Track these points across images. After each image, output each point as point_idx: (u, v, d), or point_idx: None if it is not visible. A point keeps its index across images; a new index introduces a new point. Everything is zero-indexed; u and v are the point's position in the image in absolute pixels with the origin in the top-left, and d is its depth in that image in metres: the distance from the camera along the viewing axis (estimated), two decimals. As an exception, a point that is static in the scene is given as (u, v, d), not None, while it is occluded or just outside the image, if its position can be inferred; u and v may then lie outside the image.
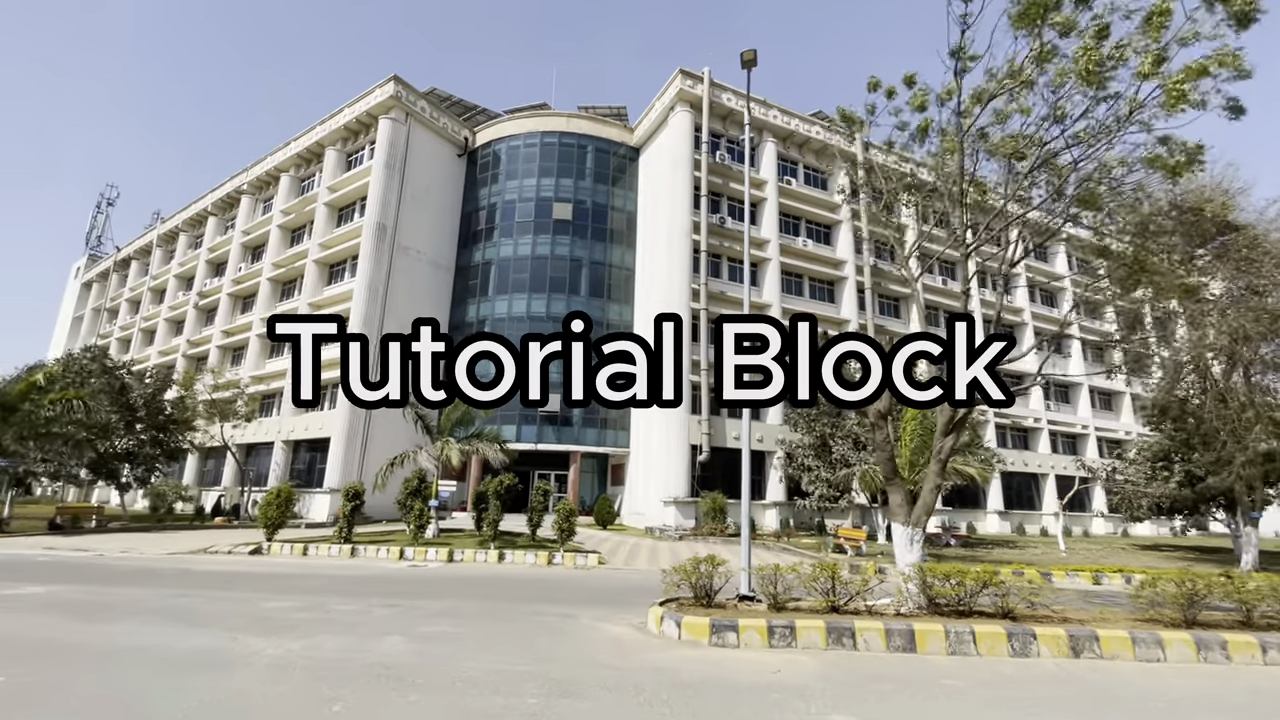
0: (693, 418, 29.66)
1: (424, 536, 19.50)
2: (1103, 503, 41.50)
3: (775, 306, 33.46)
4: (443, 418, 21.27)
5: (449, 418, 21.13)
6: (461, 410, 21.09)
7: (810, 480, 25.99)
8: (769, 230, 34.63)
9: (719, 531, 25.72)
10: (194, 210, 50.10)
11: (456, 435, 21.35)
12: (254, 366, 38.11)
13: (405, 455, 20.95)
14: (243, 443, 36.63)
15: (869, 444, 23.50)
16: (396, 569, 15.26)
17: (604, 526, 29.03)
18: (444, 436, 20.67)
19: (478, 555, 17.19)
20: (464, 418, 21.22)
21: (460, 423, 21.19)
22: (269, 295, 39.25)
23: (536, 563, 16.91)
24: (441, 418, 21.29)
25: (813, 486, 25.14)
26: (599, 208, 36.72)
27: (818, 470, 25.33)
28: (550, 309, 34.51)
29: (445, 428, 21.13)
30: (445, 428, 21.13)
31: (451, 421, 21.09)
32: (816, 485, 24.99)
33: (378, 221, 33.36)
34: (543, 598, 11.09)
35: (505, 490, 18.75)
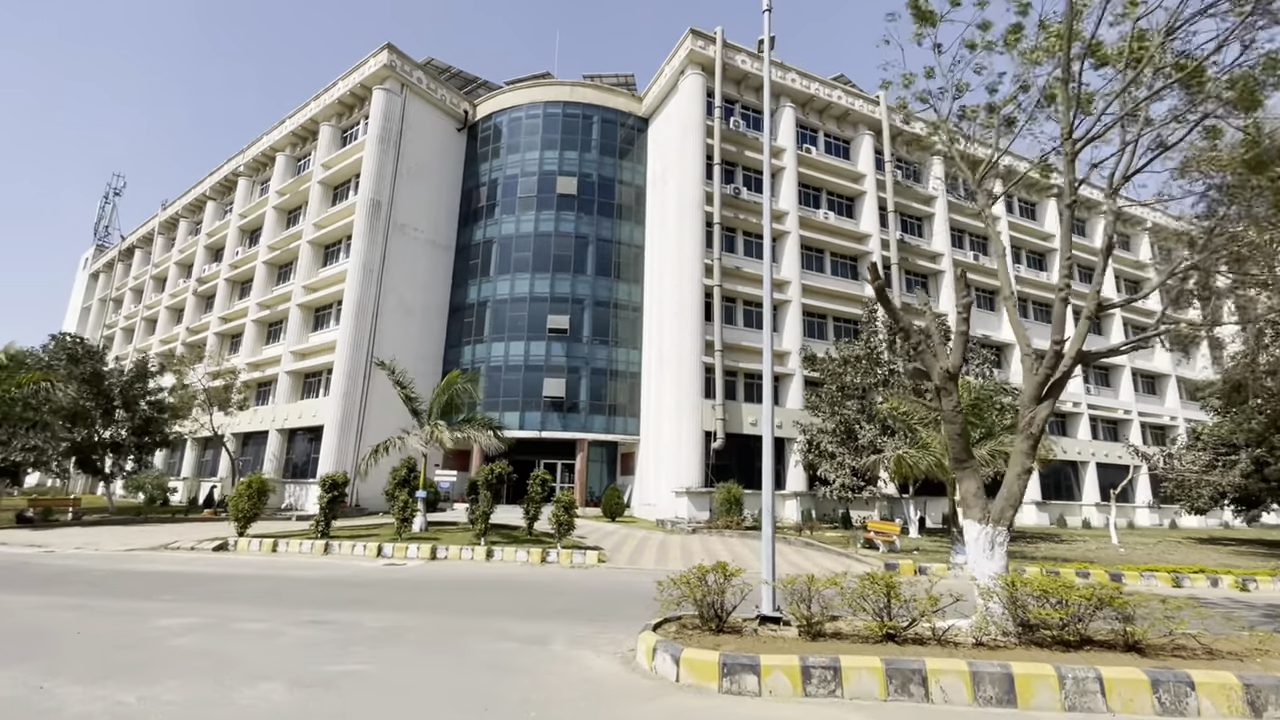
0: (706, 402, 27.57)
1: (410, 531, 17.73)
2: (1148, 493, 38.78)
3: (794, 283, 31.15)
4: (433, 400, 19.43)
5: (439, 399, 19.28)
6: (452, 391, 19.22)
7: (833, 468, 23.78)
8: (787, 202, 32.24)
9: (735, 524, 23.69)
10: (193, 196, 48.84)
11: (450, 420, 19.51)
12: (250, 352, 36.71)
13: (390, 441, 19.17)
14: (239, 431, 35.32)
15: (898, 429, 21.28)
16: (368, 569, 13.45)
17: (613, 518, 27.16)
18: (433, 420, 18.82)
19: (464, 552, 15.34)
20: (455, 401, 19.35)
21: (452, 406, 19.33)
22: (265, 279, 37.75)
23: (528, 561, 15.02)
24: (432, 400, 19.45)
25: (835, 475, 22.96)
26: (606, 181, 34.56)
27: (841, 457, 23.14)
28: (555, 289, 32.54)
29: (434, 410, 19.30)
30: (434, 410, 19.30)
31: (440, 404, 19.24)
32: (839, 474, 22.81)
33: (372, 198, 31.56)
34: (517, 609, 9.15)
35: (497, 479, 16.87)
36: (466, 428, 19.10)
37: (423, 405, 19.48)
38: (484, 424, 19.44)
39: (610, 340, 32.49)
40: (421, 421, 19.12)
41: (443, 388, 19.30)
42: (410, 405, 19.21)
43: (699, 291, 28.51)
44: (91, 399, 25.12)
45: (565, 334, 31.71)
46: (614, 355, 32.38)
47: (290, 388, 33.36)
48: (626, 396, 32.16)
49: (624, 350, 32.67)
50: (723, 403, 27.67)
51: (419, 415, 19.26)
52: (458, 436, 18.97)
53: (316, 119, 37.24)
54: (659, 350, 30.88)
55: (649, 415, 31.28)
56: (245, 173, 43.17)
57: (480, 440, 18.98)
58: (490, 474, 16.72)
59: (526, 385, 31.31)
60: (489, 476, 16.71)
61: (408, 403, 19.17)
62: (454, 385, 19.26)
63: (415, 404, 19.20)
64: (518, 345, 32.01)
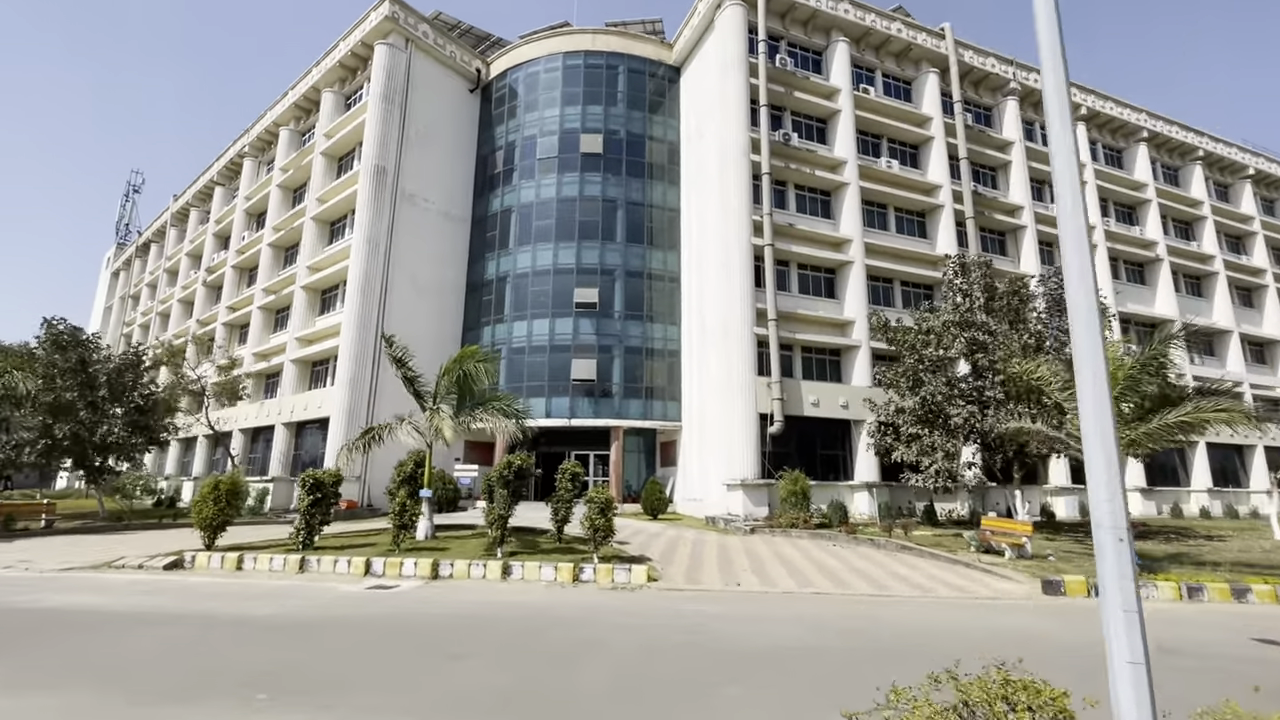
0: (761, 380, 23.70)
1: (411, 539, 14.39)
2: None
3: (856, 241, 26.97)
4: (438, 380, 16.02)
5: (445, 379, 15.86)
6: (462, 370, 15.79)
7: (919, 451, 19.64)
8: (844, 149, 28.00)
9: (803, 522, 19.85)
10: (202, 183, 46.66)
11: (462, 404, 16.11)
12: (257, 341, 34.09)
13: (382, 429, 15.88)
14: (247, 427, 32.79)
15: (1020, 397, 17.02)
16: (342, 597, 10.08)
17: (654, 516, 23.59)
18: (436, 404, 15.41)
19: (474, 568, 11.88)
20: (467, 382, 15.90)
21: (464, 388, 15.88)
22: (271, 263, 35.06)
23: (557, 580, 11.48)
24: (437, 380, 16.04)
25: (925, 460, 18.85)
26: (634, 138, 30.78)
27: (930, 439, 19.02)
28: (581, 259, 28.95)
29: (440, 393, 15.89)
30: (440, 393, 15.89)
31: (448, 385, 15.82)
32: (931, 458, 18.68)
33: (376, 163, 28.37)
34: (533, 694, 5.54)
35: (516, 474, 13.38)
36: (480, 413, 15.64)
37: (427, 387, 16.10)
38: (502, 408, 15.93)
39: (645, 315, 28.81)
40: (424, 404, 15.74)
41: (451, 365, 15.88)
42: (411, 387, 15.84)
43: (748, 252, 24.56)
44: (76, 390, 22.56)
45: (594, 309, 28.13)
46: (649, 331, 28.69)
47: (297, 377, 30.57)
48: (665, 378, 28.48)
49: (660, 326, 28.95)
50: (780, 380, 23.76)
51: (421, 398, 15.87)
52: (470, 423, 15.53)
53: (318, 86, 34.27)
54: (701, 323, 27.09)
55: (691, 398, 27.55)
56: (250, 153, 40.62)
57: (498, 427, 15.48)
58: (507, 469, 13.22)
59: (553, 368, 27.87)
60: (505, 472, 13.23)
61: (408, 384, 15.80)
62: (465, 363, 15.82)
63: (418, 385, 15.81)
64: (542, 324, 28.57)
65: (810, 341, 25.84)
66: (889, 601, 10.01)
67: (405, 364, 15.72)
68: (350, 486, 25.12)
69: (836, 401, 24.92)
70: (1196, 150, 39.30)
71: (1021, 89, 33.69)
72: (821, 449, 25.00)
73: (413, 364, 16.21)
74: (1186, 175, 39.55)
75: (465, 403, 16.06)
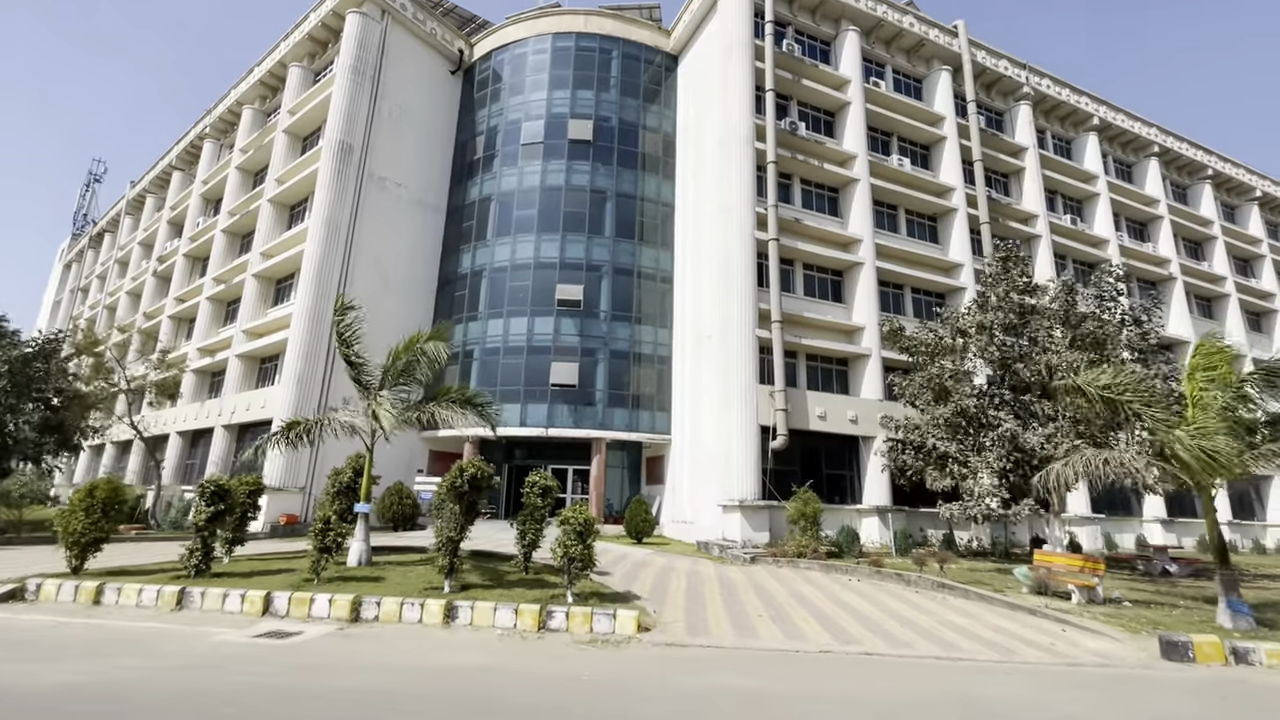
0: (763, 388, 21.14)
1: (337, 566, 11.44)
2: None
3: (866, 241, 24.75)
4: (386, 366, 13.17)
5: (394, 365, 13.01)
6: (414, 356, 12.99)
7: (952, 474, 17.13)
8: (854, 143, 25.91)
9: (811, 550, 17.15)
10: (160, 169, 43.49)
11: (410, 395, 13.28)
12: (203, 335, 30.82)
13: (303, 425, 12.97)
14: (186, 429, 29.39)
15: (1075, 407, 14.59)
16: (214, 649, 7.16)
17: (639, 540, 20.74)
18: (375, 394, 12.52)
19: (407, 609, 8.98)
20: (419, 369, 13.08)
21: (407, 372, 13.03)
22: (224, 251, 31.95)
23: (516, 627, 8.63)
24: (385, 367, 13.19)
25: (964, 484, 16.30)
26: (627, 127, 28.46)
27: (966, 458, 16.49)
28: (566, 253, 26.34)
29: (387, 381, 13.02)
30: (387, 381, 13.02)
31: (396, 371, 12.97)
32: (971, 482, 16.09)
33: (341, 139, 25.63)
34: None
35: (471, 485, 10.53)
36: (434, 406, 12.75)
37: (373, 375, 13.23)
38: (462, 398, 13.04)
39: (633, 316, 26.20)
40: (365, 393, 12.85)
41: (402, 349, 13.05)
42: (354, 371, 12.94)
43: (750, 247, 22.16)
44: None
45: (578, 308, 25.47)
46: (638, 334, 26.07)
47: (242, 375, 27.37)
48: (654, 385, 25.81)
49: (650, 329, 26.36)
50: (784, 389, 21.21)
51: (364, 387, 12.97)
52: (421, 416, 12.65)
53: (285, 62, 31.60)
54: (696, 327, 24.55)
55: (682, 408, 24.88)
56: (211, 135, 37.67)
57: (445, 417, 12.55)
58: (458, 478, 10.37)
59: (530, 372, 25.06)
60: (456, 482, 10.38)
61: (351, 368, 12.90)
62: (418, 347, 13.00)
63: (361, 370, 12.90)
64: (519, 322, 25.82)
65: (816, 349, 23.41)
66: (969, 670, 7.34)
67: (351, 344, 12.83)
68: (291, 498, 21.97)
69: (845, 415, 22.42)
70: (1206, 169, 38.13)
71: (1035, 94, 32.14)
72: (828, 468, 22.42)
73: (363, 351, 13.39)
74: (1196, 194, 38.30)
75: (414, 393, 13.21)
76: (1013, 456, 16.33)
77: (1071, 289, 17.14)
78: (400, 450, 24.53)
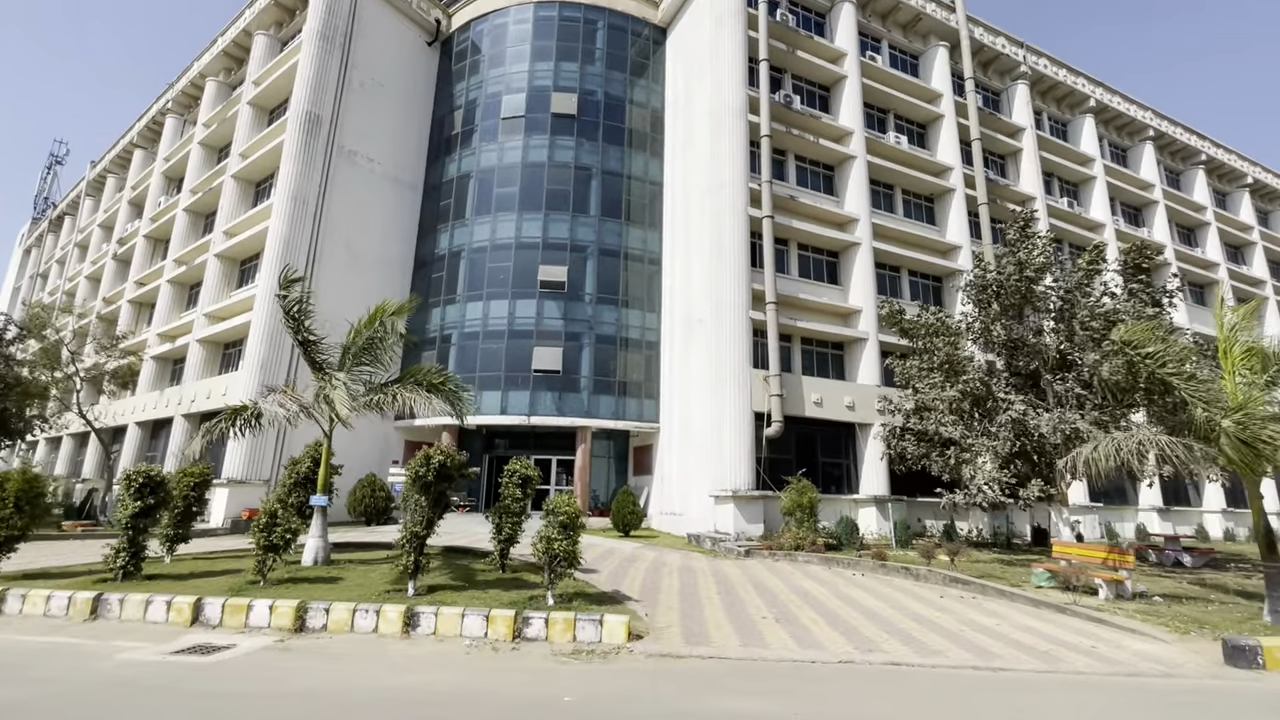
0: (757, 373, 20.07)
1: (293, 564, 10.19)
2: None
3: (863, 221, 23.73)
4: (347, 344, 11.86)
5: (355, 342, 11.70)
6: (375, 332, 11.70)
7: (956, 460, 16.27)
8: (850, 119, 24.84)
9: (809, 543, 16.17)
10: (121, 147, 41.27)
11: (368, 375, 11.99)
12: (164, 320, 29.08)
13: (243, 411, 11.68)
14: (145, 419, 27.74)
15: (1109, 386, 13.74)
16: (119, 669, 5.91)
17: (626, 533, 19.66)
18: (330, 375, 11.21)
19: (361, 616, 7.75)
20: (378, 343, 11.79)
21: (370, 351, 11.74)
22: (186, 230, 30.14)
23: (487, 637, 7.46)
24: (346, 344, 11.88)
25: (967, 470, 15.36)
26: (614, 101, 27.11)
27: (973, 442, 15.53)
28: (549, 233, 25.00)
29: (347, 360, 11.72)
30: (347, 360, 11.72)
31: (359, 345, 11.67)
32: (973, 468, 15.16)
33: (308, 109, 24.01)
34: None
35: (438, 475, 9.30)
36: (395, 389, 11.46)
37: (330, 354, 11.92)
38: (430, 380, 11.73)
39: (620, 299, 24.97)
40: (320, 372, 11.54)
41: (364, 324, 11.75)
42: (307, 352, 11.62)
43: (743, 224, 21.04)
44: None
45: (562, 290, 24.19)
46: (625, 318, 24.85)
47: (204, 361, 25.76)
48: (641, 372, 24.64)
49: (637, 312, 25.14)
50: (779, 374, 20.17)
51: (320, 368, 11.65)
52: (382, 400, 11.36)
53: (250, 30, 29.75)
54: (685, 311, 23.40)
55: (671, 396, 23.76)
56: (174, 110, 35.66)
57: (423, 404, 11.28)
58: (424, 466, 9.13)
59: (511, 357, 23.77)
60: (422, 471, 9.14)
61: (304, 346, 11.57)
62: (380, 321, 11.70)
63: (315, 349, 11.58)
64: (500, 305, 24.48)
65: (811, 332, 22.40)
66: (1016, 684, 6.32)
67: (302, 320, 11.50)
68: (254, 491, 20.53)
69: (841, 401, 21.44)
70: (1199, 154, 37.65)
71: (1032, 74, 31.29)
72: (823, 457, 21.45)
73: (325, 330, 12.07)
74: (1189, 180, 37.84)
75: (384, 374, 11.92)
76: (1021, 442, 15.45)
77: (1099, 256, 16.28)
78: (374, 440, 23.21)
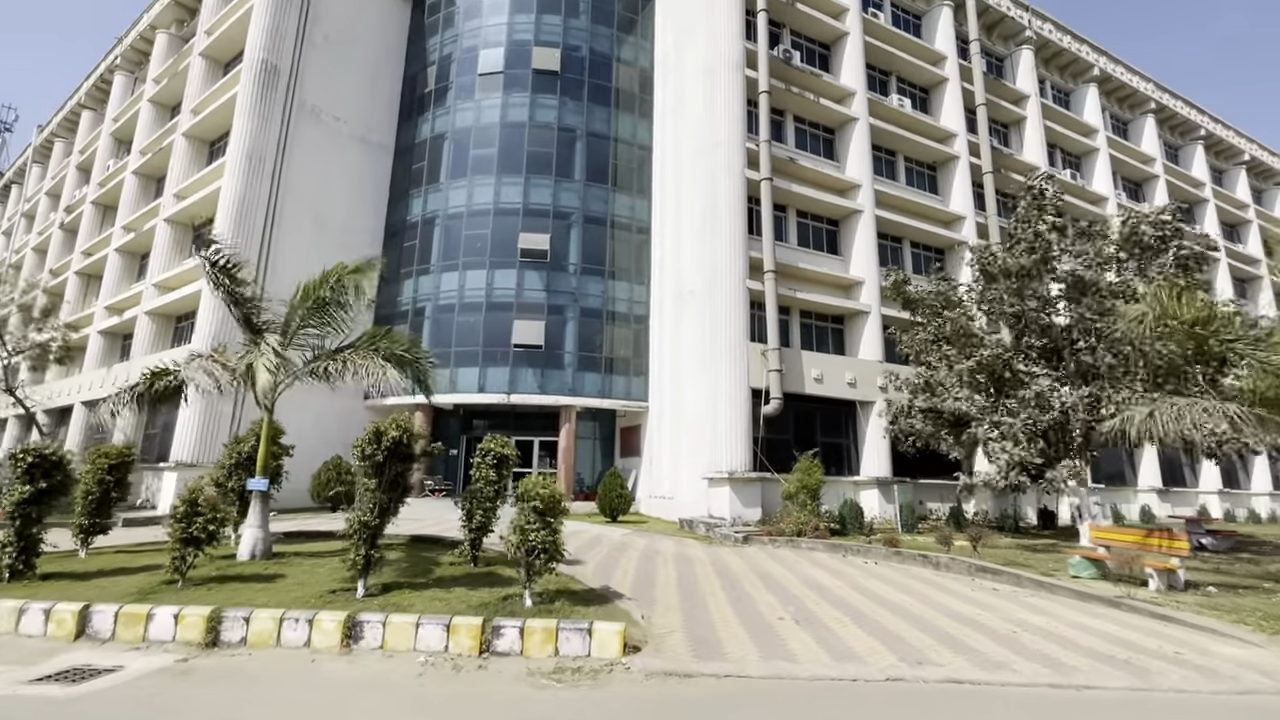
0: (755, 347, 18.70)
1: (233, 561, 8.62)
2: None
3: (865, 188, 22.35)
4: (292, 305, 10.21)
5: (301, 304, 10.06)
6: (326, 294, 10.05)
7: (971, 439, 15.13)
8: (852, 78, 23.34)
9: (812, 528, 14.92)
10: (69, 108, 38.36)
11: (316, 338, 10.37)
12: (112, 291, 26.90)
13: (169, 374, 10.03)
14: (91, 398, 25.65)
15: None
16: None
17: (614, 518, 18.29)
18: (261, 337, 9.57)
19: (290, 627, 6.23)
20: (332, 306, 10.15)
21: (321, 314, 10.10)
22: (135, 195, 27.85)
23: (448, 652, 5.98)
24: (291, 305, 10.23)
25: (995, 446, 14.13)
26: (599, 59, 25.26)
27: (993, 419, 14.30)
28: (530, 198, 23.24)
29: (293, 325, 10.07)
30: (293, 325, 10.07)
31: (306, 311, 10.03)
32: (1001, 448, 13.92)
33: (265, 59, 21.88)
34: None
35: (391, 453, 7.75)
36: (347, 355, 9.83)
37: (273, 316, 10.25)
38: (387, 348, 10.09)
39: (606, 270, 23.37)
40: (252, 331, 9.88)
41: (313, 285, 10.09)
42: (241, 309, 9.94)
43: (740, 186, 19.54)
44: None
45: (544, 260, 22.51)
46: (611, 290, 23.28)
47: (154, 334, 23.80)
48: (629, 348, 23.15)
49: (625, 284, 23.59)
50: (778, 348, 18.81)
51: (256, 331, 9.96)
52: (332, 370, 9.75)
53: (203, -25, 27.27)
54: (676, 282, 21.89)
55: (661, 372, 22.32)
56: (124, 66, 33.00)
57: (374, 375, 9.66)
58: (373, 444, 7.58)
59: (490, 331, 22.12)
60: (370, 450, 7.60)
61: (234, 306, 9.90)
62: (338, 283, 10.05)
63: (249, 306, 9.89)
64: (477, 275, 22.75)
65: (810, 304, 21.07)
66: (1110, 707, 5.04)
67: (229, 270, 9.80)
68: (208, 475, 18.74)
69: (843, 377, 20.17)
70: (1199, 129, 36.79)
71: (1037, 39, 29.97)
72: (823, 436, 20.22)
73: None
74: (1188, 155, 37.00)
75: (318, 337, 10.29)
76: (1045, 418, 14.26)
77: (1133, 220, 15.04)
78: (341, 420, 21.48)
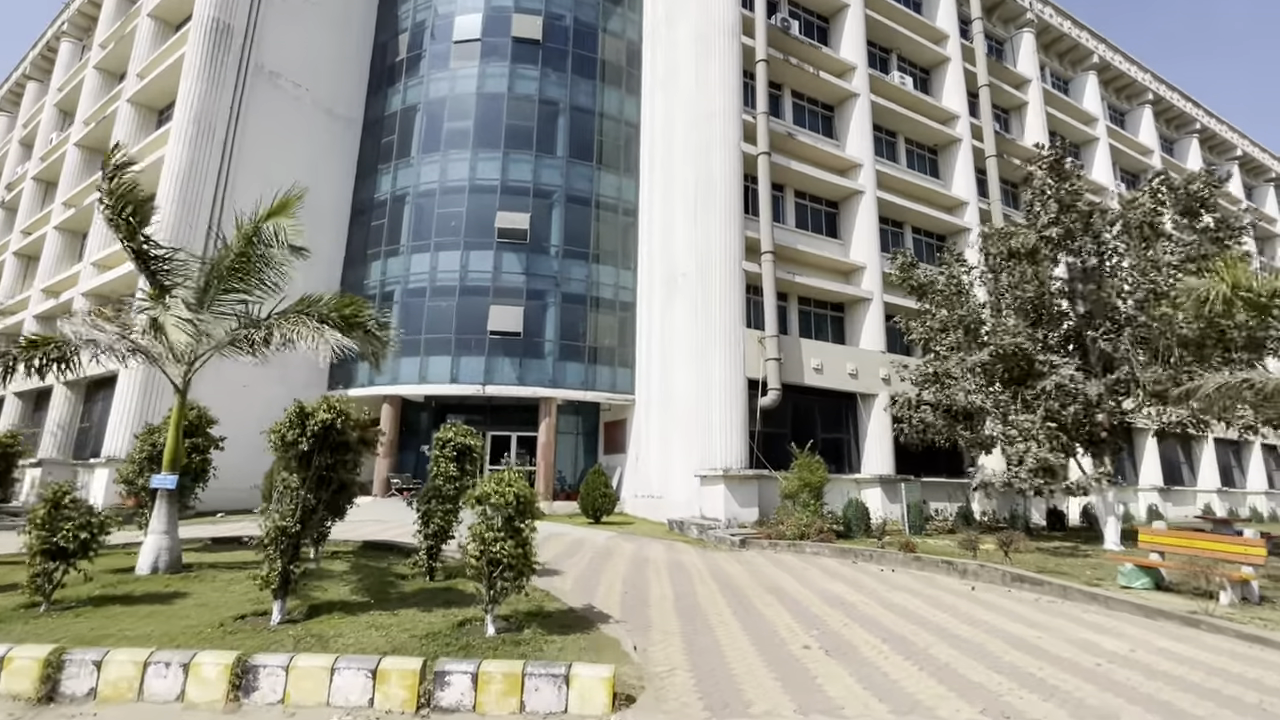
0: (752, 334, 17.26)
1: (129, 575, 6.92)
2: None
3: (866, 168, 21.06)
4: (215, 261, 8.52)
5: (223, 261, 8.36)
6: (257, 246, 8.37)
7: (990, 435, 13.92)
8: (852, 52, 22.04)
9: (817, 531, 13.52)
10: (14, 80, 35.75)
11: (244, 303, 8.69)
12: (50, 273, 24.71)
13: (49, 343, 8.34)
14: (25, 389, 23.47)
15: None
16: None
17: (597, 519, 16.75)
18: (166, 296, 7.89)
19: (155, 677, 4.58)
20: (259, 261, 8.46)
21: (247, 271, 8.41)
22: (77, 168, 25.63)
23: (376, 712, 4.38)
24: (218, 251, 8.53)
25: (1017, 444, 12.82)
26: (584, 28, 23.64)
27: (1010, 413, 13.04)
28: (509, 174, 21.56)
29: (213, 284, 8.37)
30: (213, 284, 8.37)
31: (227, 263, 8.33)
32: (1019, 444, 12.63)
33: (215, 17, 19.93)
34: None
35: (320, 442, 6.12)
36: (277, 322, 8.14)
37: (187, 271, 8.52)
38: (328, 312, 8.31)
39: (590, 253, 21.80)
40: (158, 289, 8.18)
41: (243, 236, 8.38)
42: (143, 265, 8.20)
43: (736, 160, 18.08)
44: None
45: (523, 241, 20.86)
46: (596, 275, 21.71)
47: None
48: (614, 336, 21.60)
49: (610, 269, 22.03)
50: (776, 336, 17.39)
51: (163, 286, 8.23)
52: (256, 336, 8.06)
53: (154, -70, 25.12)
54: (666, 267, 20.40)
55: (649, 363, 20.81)
56: (70, 33, 30.64)
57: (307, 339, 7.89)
58: (295, 430, 5.97)
59: (463, 317, 20.41)
60: (291, 435, 5.99)
61: (136, 258, 8.17)
62: (266, 229, 8.35)
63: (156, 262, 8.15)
64: (450, 257, 21.03)
65: (809, 290, 19.72)
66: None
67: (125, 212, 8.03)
68: (142, 473, 16.84)
69: (844, 368, 18.84)
70: (1194, 123, 36.26)
71: (1038, 22, 28.99)
72: (823, 431, 18.87)
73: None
74: (1183, 149, 36.45)
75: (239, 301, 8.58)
76: (1067, 412, 13.01)
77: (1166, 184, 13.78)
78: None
